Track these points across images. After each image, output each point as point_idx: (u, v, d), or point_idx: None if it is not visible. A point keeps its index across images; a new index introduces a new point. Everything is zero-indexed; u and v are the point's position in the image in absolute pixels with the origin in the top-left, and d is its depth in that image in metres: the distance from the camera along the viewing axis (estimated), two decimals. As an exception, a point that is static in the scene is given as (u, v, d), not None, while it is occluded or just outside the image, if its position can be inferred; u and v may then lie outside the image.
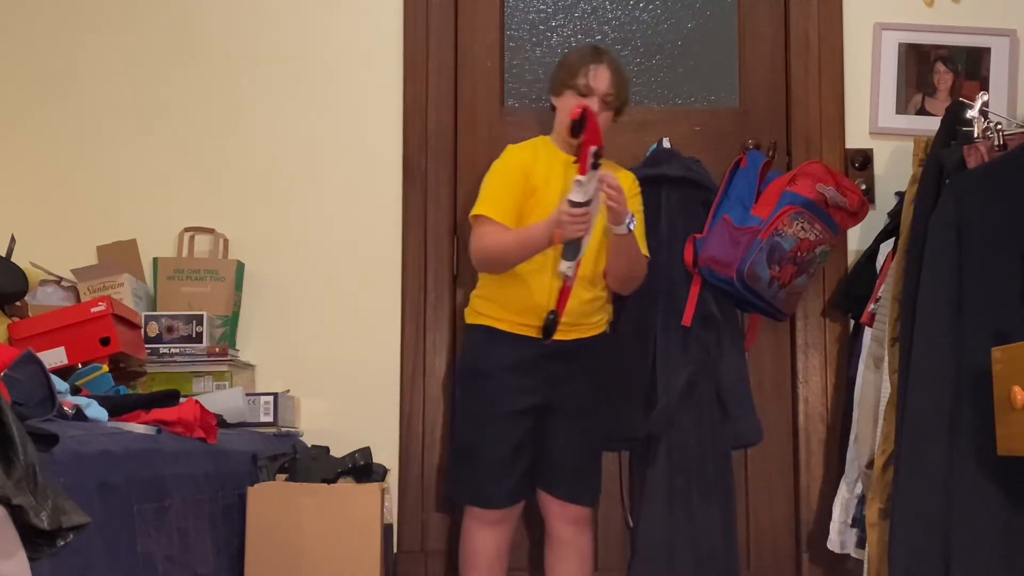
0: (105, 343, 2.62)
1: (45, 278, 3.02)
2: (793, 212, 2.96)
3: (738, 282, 2.94)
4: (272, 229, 3.28)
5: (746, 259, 2.92)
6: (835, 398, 3.15)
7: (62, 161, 3.32)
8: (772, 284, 2.96)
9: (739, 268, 2.92)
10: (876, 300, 2.83)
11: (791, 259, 2.97)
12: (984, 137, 2.46)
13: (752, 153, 3.14)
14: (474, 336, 2.91)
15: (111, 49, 3.34)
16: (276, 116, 3.31)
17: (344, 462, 2.69)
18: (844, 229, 3.09)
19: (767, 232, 2.93)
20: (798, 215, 2.96)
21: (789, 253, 2.96)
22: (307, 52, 3.33)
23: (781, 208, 2.95)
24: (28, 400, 1.90)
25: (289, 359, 3.23)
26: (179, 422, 2.30)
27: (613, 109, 2.84)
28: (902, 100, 3.22)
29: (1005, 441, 1.90)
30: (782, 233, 2.95)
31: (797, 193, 2.98)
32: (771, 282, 2.96)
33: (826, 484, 3.11)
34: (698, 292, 3.02)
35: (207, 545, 2.32)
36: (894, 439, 2.49)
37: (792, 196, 2.97)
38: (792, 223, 2.97)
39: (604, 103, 2.79)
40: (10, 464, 1.32)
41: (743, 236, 2.94)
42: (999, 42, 3.20)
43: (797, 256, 2.97)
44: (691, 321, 3.00)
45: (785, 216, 2.96)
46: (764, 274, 2.94)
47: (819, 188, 2.99)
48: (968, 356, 2.23)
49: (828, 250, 3.03)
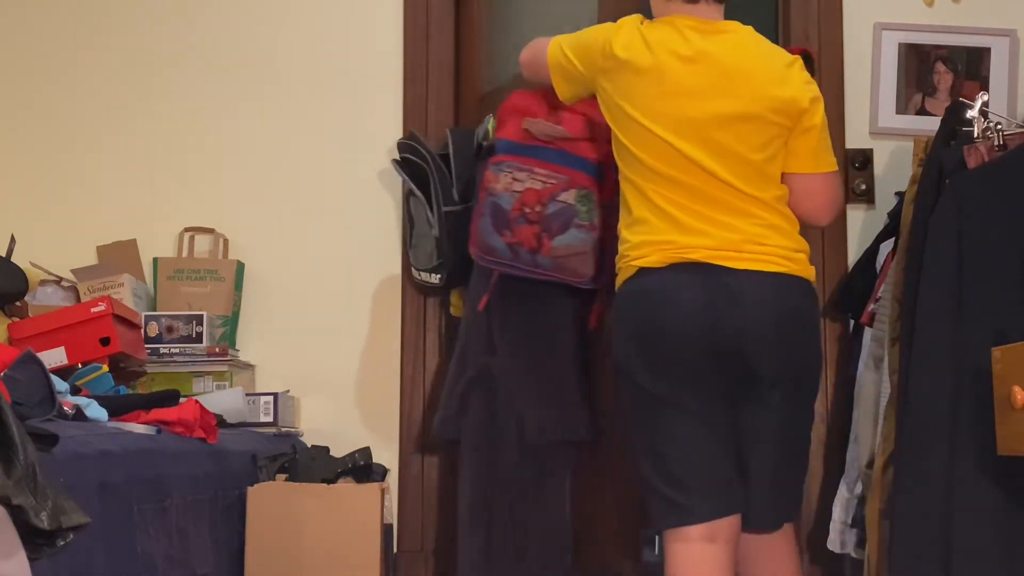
0: (105, 343, 2.62)
1: (45, 278, 3.02)
2: (493, 164, 2.57)
3: (479, 260, 2.61)
4: (272, 229, 3.28)
5: (476, 232, 2.58)
6: (835, 398, 3.15)
7: (62, 161, 3.31)
8: (519, 252, 2.53)
9: (474, 243, 2.60)
10: (876, 300, 2.83)
11: (522, 217, 2.51)
12: (984, 137, 2.45)
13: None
14: None
15: (111, 49, 3.34)
16: (276, 116, 3.31)
17: (344, 462, 2.69)
18: (597, 161, 2.56)
19: (481, 195, 2.59)
20: (500, 165, 2.55)
21: (512, 212, 2.51)
22: (307, 52, 3.33)
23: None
24: (28, 400, 1.91)
25: (289, 359, 3.22)
26: (179, 422, 2.31)
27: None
28: (902, 100, 3.22)
29: (1005, 441, 1.90)
30: (493, 192, 2.54)
31: (502, 138, 2.59)
32: (514, 249, 2.53)
33: (826, 484, 3.11)
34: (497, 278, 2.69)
35: (207, 545, 2.32)
36: (894, 439, 2.49)
37: (498, 143, 2.60)
38: (498, 177, 2.55)
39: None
40: (10, 464, 1.32)
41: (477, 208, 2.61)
42: (999, 42, 3.20)
43: (527, 212, 2.50)
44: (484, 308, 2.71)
45: (488, 171, 2.57)
46: (496, 243, 2.53)
47: (525, 125, 2.55)
48: (968, 356, 2.23)
49: (588, 193, 2.53)
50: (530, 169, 2.52)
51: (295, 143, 3.31)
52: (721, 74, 2.26)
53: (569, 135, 2.52)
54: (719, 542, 2.19)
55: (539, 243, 2.51)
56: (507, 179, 2.53)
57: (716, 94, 2.24)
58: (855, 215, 3.21)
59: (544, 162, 2.52)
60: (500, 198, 2.53)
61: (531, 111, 2.57)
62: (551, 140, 2.51)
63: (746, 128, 2.24)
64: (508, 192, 2.53)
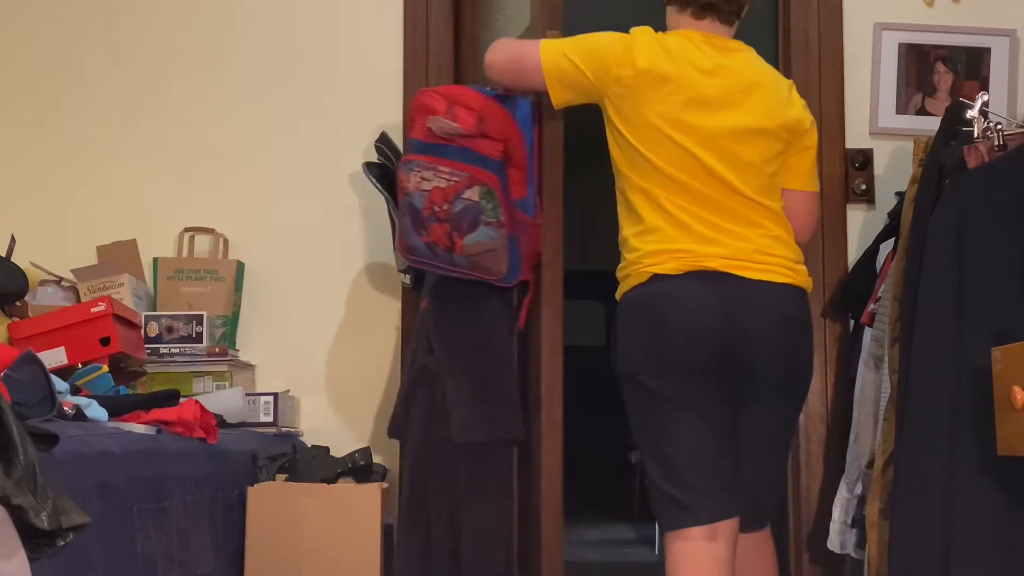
0: (105, 343, 2.62)
1: (45, 278, 3.02)
2: (404, 163, 2.59)
3: (406, 259, 2.69)
4: (272, 229, 3.28)
5: (400, 232, 2.65)
6: (835, 398, 3.15)
7: (62, 161, 3.32)
8: (436, 251, 2.59)
9: (400, 244, 2.66)
10: (876, 300, 2.83)
11: (432, 216, 2.55)
12: (984, 137, 2.45)
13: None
14: None
15: (111, 49, 3.34)
16: (277, 116, 3.31)
17: (344, 462, 2.69)
18: (497, 157, 2.58)
19: (399, 195, 2.62)
20: (409, 164, 2.58)
21: (424, 211, 2.55)
22: (308, 52, 3.33)
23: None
24: (28, 400, 1.91)
25: (289, 359, 3.23)
26: (179, 422, 2.30)
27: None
28: (902, 100, 3.22)
29: (1005, 441, 1.90)
30: (407, 191, 2.58)
31: (411, 137, 2.61)
32: (432, 248, 2.59)
33: (826, 484, 3.11)
34: (436, 278, 2.75)
35: (207, 545, 2.32)
36: (894, 439, 2.49)
37: (410, 143, 2.63)
38: (409, 176, 2.58)
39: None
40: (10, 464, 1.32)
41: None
42: (999, 42, 3.20)
43: (436, 211, 2.53)
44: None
45: (401, 170, 2.59)
46: (416, 242, 2.60)
47: (428, 123, 2.55)
48: (968, 356, 2.23)
49: (490, 189, 2.54)
50: (435, 167, 2.54)
51: (296, 143, 3.30)
52: (737, 88, 2.33)
53: (463, 131, 2.53)
54: (720, 541, 2.24)
55: (452, 242, 2.55)
56: (416, 178, 2.55)
57: (734, 107, 2.31)
58: (855, 215, 3.21)
59: (447, 160, 2.53)
60: (413, 197, 2.57)
61: (433, 108, 2.57)
62: (451, 137, 2.53)
63: (760, 142, 2.32)
64: (418, 191, 2.55)
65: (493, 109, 2.57)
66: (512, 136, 2.58)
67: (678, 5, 2.42)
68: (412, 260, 2.69)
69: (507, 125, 2.58)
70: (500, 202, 2.54)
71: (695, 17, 2.39)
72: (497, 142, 2.55)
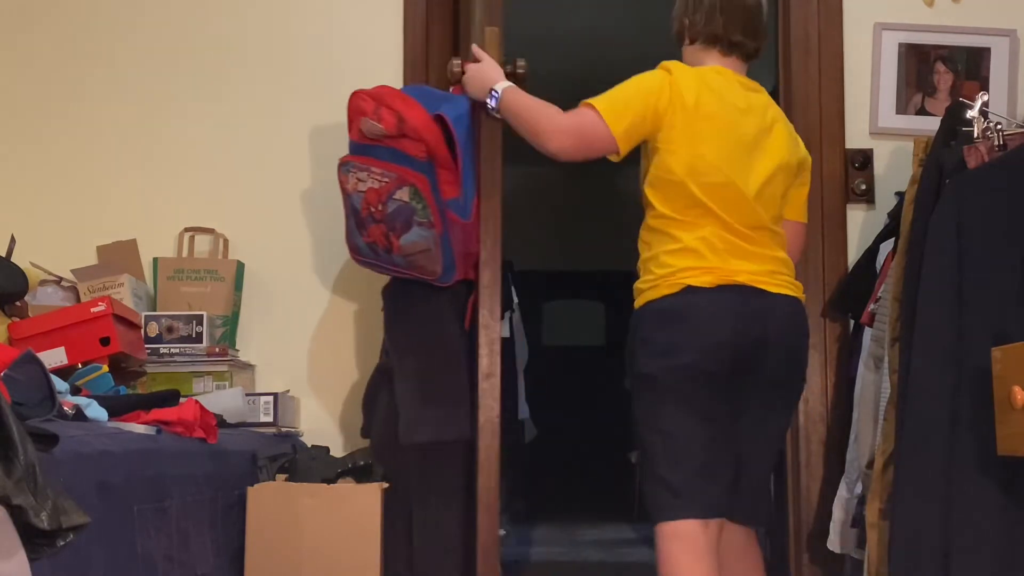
0: (105, 343, 2.62)
1: (45, 278, 3.02)
2: (341, 164, 2.65)
3: (355, 259, 2.75)
4: (272, 229, 3.28)
5: (347, 233, 2.71)
6: (835, 398, 3.15)
7: (62, 161, 3.32)
8: (377, 251, 2.65)
9: (347, 245, 2.70)
10: (876, 300, 2.83)
11: (370, 217, 2.61)
12: (984, 137, 2.46)
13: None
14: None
15: (111, 49, 3.34)
16: (276, 116, 3.31)
17: (344, 462, 2.69)
18: (422, 158, 2.61)
19: (343, 197, 2.67)
20: (347, 166, 2.63)
21: (363, 212, 2.61)
22: (308, 53, 3.34)
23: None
24: (28, 400, 1.90)
25: (289, 359, 3.23)
26: (179, 422, 2.30)
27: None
28: (902, 100, 3.22)
29: (1005, 441, 1.90)
30: (347, 192, 2.63)
31: (350, 139, 2.65)
32: (373, 249, 2.65)
33: (826, 484, 3.11)
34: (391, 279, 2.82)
35: (207, 545, 2.32)
36: (894, 439, 2.49)
37: (349, 145, 2.66)
38: (347, 178, 2.62)
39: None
40: (10, 464, 1.32)
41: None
42: (999, 42, 3.20)
43: (373, 211, 2.58)
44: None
45: (340, 172, 2.65)
46: (360, 243, 2.66)
47: (360, 125, 2.60)
48: (968, 356, 2.23)
49: (416, 189, 2.58)
50: (368, 168, 2.58)
51: (296, 143, 3.30)
52: (764, 127, 2.46)
53: (386, 132, 2.56)
54: (710, 537, 2.33)
55: (389, 242, 2.60)
56: (353, 179, 2.60)
57: (765, 145, 2.45)
58: (855, 215, 3.21)
59: (379, 160, 2.57)
60: (353, 198, 2.62)
61: (362, 110, 2.60)
62: (379, 138, 2.54)
63: (781, 176, 2.49)
64: (356, 192, 2.60)
65: (413, 110, 2.59)
66: (431, 137, 2.60)
67: (703, 43, 2.49)
68: (358, 260, 2.75)
69: (426, 125, 2.60)
70: (429, 202, 2.58)
71: (722, 54, 2.48)
72: (418, 142, 2.57)
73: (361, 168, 2.60)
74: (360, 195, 2.60)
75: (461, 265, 2.71)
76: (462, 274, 2.73)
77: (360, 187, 2.59)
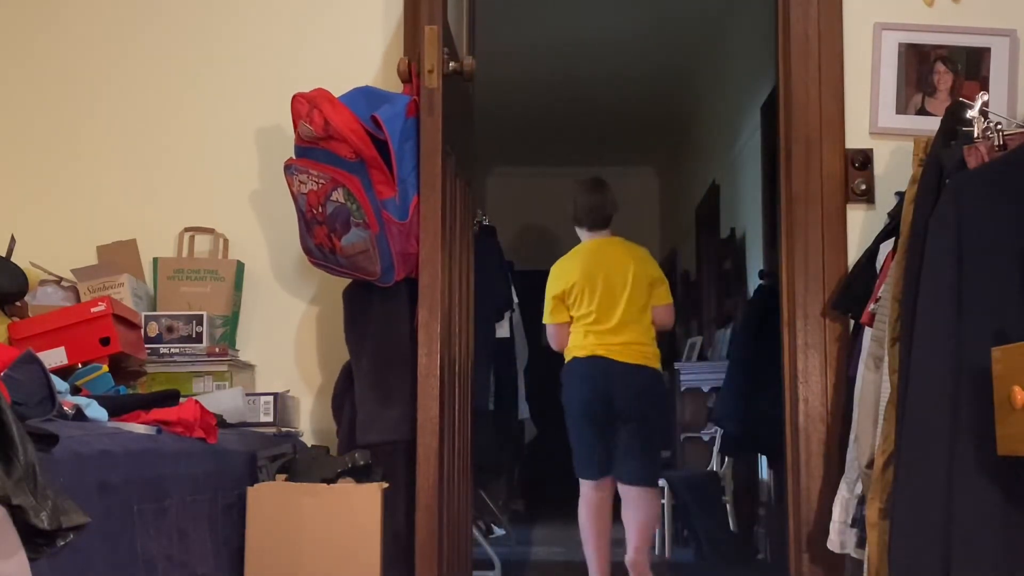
0: (105, 343, 2.62)
1: (45, 278, 3.02)
2: (285, 168, 2.68)
3: (309, 261, 2.79)
4: (272, 229, 3.28)
5: (300, 236, 2.75)
6: (835, 398, 3.15)
7: (62, 161, 3.32)
8: (324, 252, 2.69)
9: (301, 246, 2.75)
10: (876, 300, 2.83)
11: (314, 219, 2.64)
12: (984, 137, 2.45)
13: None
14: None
15: (111, 50, 3.35)
16: (277, 116, 3.30)
17: (344, 462, 2.69)
18: (350, 158, 2.63)
19: (293, 200, 2.70)
20: (290, 168, 2.66)
21: (307, 214, 2.65)
22: (308, 53, 3.33)
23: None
24: (28, 400, 1.90)
25: (289, 359, 3.23)
26: (179, 422, 2.30)
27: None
28: (902, 100, 3.22)
29: (1005, 441, 1.90)
30: (294, 195, 2.68)
31: (295, 143, 2.69)
32: (321, 250, 2.69)
33: (826, 484, 3.11)
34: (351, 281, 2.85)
35: (207, 545, 2.32)
36: (894, 439, 2.49)
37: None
38: (292, 180, 2.66)
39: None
40: (10, 464, 1.32)
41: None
42: (999, 42, 3.20)
43: (315, 213, 2.62)
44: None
45: (285, 174, 2.68)
46: (310, 244, 2.71)
47: (299, 128, 2.64)
48: (968, 356, 2.23)
49: (348, 190, 2.61)
50: (307, 171, 2.60)
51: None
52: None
53: (316, 134, 2.57)
54: (603, 490, 4.32)
55: (332, 243, 2.62)
56: (297, 182, 2.62)
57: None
58: (855, 215, 3.21)
59: (315, 162, 2.58)
60: (298, 200, 2.64)
61: (299, 112, 2.63)
62: (314, 140, 2.56)
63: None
64: (300, 195, 2.62)
65: (337, 111, 2.60)
66: (355, 138, 2.60)
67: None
68: (312, 262, 2.79)
69: (348, 127, 2.60)
70: (363, 203, 2.59)
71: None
72: (342, 143, 2.58)
73: (301, 170, 2.61)
74: (304, 197, 2.62)
75: (402, 265, 2.69)
76: (404, 274, 2.71)
77: (303, 189, 2.61)
